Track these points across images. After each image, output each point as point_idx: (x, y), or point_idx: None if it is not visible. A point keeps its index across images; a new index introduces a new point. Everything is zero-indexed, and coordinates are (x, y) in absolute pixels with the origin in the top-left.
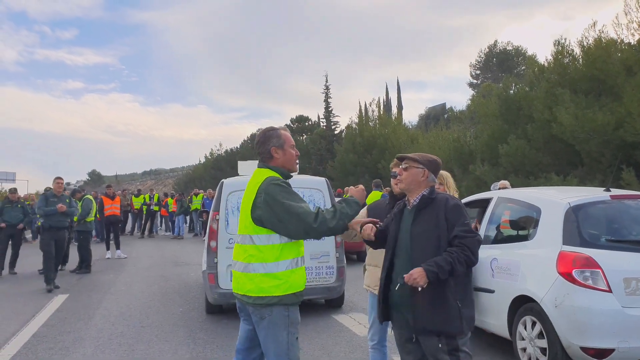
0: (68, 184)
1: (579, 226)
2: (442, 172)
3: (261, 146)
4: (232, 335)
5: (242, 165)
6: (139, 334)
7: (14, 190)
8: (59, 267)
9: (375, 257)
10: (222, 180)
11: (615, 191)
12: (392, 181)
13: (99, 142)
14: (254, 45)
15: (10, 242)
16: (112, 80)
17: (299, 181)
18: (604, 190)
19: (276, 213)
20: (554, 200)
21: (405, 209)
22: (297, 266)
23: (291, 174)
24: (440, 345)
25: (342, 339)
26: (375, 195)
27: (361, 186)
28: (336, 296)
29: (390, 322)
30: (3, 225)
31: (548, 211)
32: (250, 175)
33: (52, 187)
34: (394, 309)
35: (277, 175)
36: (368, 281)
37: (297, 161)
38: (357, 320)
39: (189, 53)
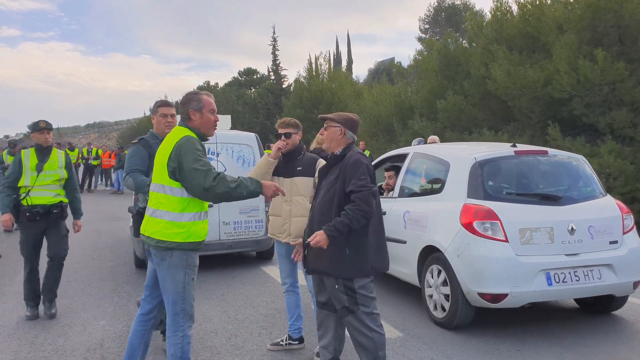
0: (7, 136)
1: (483, 180)
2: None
3: (182, 107)
4: None
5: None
6: (64, 288)
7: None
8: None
9: (276, 208)
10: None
11: (520, 146)
12: (280, 141)
13: (38, 92)
14: None
15: None
16: (50, 28)
17: (229, 136)
18: (510, 146)
19: (185, 169)
20: (461, 156)
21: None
22: (200, 219)
23: (207, 137)
24: (337, 286)
25: (266, 289)
26: None
27: (275, 185)
28: (265, 249)
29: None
30: None
31: (456, 166)
32: None
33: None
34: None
35: (193, 134)
36: (271, 229)
37: (216, 126)
38: None
39: (132, 0)
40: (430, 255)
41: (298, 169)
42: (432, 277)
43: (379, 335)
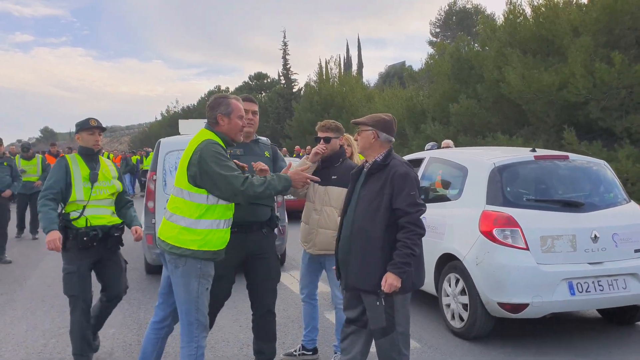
0: (19, 140)
1: (503, 186)
2: (346, 135)
3: (210, 111)
4: None
5: (183, 124)
6: None
7: None
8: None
9: (306, 215)
10: (160, 139)
11: (540, 151)
12: (319, 145)
13: (51, 97)
14: None
15: None
16: (63, 34)
17: None
18: (530, 151)
19: (209, 174)
20: (479, 161)
21: (362, 172)
22: (218, 227)
23: (234, 143)
24: (378, 302)
25: (278, 297)
26: None
27: (304, 175)
28: (278, 254)
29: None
30: None
31: (474, 171)
32: (191, 134)
33: None
34: (339, 266)
35: (217, 139)
36: (300, 236)
37: (243, 131)
38: (296, 278)
39: (143, 5)
40: (447, 263)
41: (333, 177)
42: (450, 285)
43: (406, 359)
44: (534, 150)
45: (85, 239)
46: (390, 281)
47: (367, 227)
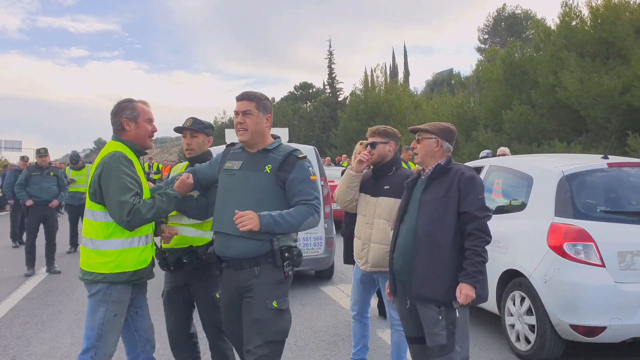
0: (74, 152)
1: (573, 196)
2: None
3: (114, 117)
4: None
5: (229, 134)
6: None
7: (43, 153)
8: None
9: (358, 229)
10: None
11: (613, 158)
12: (366, 150)
13: (105, 110)
14: (258, 10)
15: (43, 228)
16: (115, 48)
17: None
18: (602, 158)
19: (106, 194)
20: (547, 169)
21: (419, 179)
22: (130, 246)
23: (145, 150)
24: (440, 317)
25: (327, 312)
26: None
27: (185, 180)
28: (325, 267)
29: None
30: (30, 202)
31: (540, 180)
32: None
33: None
34: (396, 278)
35: (125, 150)
36: (354, 251)
37: (153, 136)
38: (346, 293)
39: (192, 19)
40: (511, 280)
41: (385, 187)
42: (514, 304)
43: None
44: (606, 157)
45: (159, 261)
46: (465, 291)
47: (435, 233)
